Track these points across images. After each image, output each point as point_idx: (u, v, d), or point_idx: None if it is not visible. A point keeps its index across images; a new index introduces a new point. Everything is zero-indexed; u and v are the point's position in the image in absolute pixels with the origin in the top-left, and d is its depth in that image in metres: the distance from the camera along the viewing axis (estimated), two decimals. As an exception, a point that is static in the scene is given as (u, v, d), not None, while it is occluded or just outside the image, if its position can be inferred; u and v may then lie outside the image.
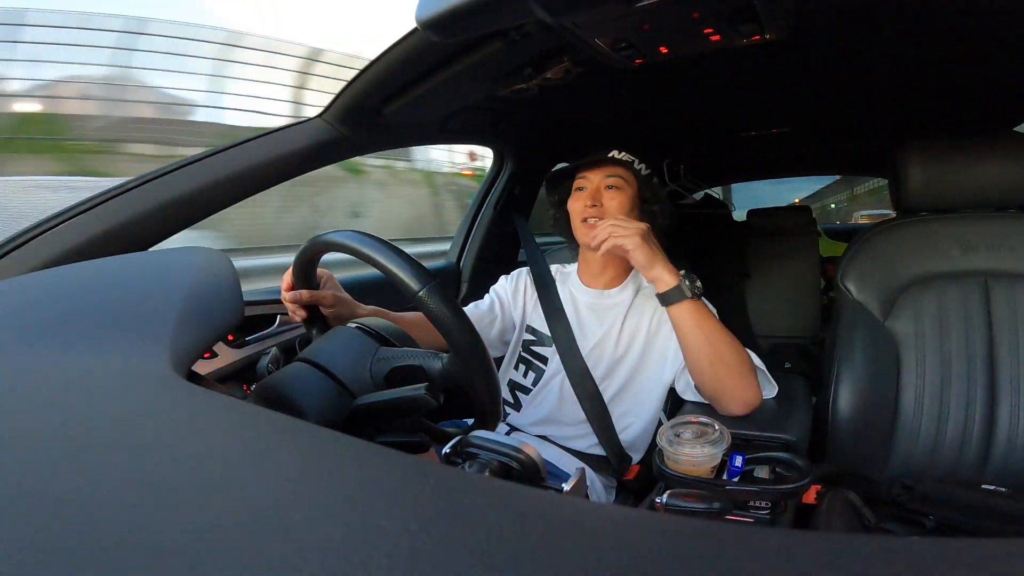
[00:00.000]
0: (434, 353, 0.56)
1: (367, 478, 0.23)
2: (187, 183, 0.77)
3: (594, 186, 0.97)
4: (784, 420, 0.84)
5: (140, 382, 0.32)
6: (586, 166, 0.99)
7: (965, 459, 0.88)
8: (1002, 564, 0.18)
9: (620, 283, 1.03)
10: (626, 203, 0.96)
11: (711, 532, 0.20)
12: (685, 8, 0.65)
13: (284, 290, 0.74)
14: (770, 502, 0.68)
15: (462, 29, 0.62)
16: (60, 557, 0.18)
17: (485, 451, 0.47)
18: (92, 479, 0.23)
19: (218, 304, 0.43)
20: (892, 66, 1.00)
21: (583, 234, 0.97)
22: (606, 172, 0.97)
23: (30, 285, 0.51)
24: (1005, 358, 0.87)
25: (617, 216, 0.93)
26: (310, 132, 0.89)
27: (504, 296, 1.10)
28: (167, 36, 5.73)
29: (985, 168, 0.91)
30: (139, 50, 5.66)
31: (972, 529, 0.73)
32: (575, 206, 0.98)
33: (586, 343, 1.00)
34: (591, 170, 0.98)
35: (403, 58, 0.76)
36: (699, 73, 0.99)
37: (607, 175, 0.97)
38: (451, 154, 6.40)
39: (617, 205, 0.96)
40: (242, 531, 0.19)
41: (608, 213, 0.95)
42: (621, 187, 0.97)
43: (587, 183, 0.98)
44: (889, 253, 0.95)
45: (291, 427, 0.29)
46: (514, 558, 0.18)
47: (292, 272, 0.72)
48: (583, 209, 0.96)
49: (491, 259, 1.47)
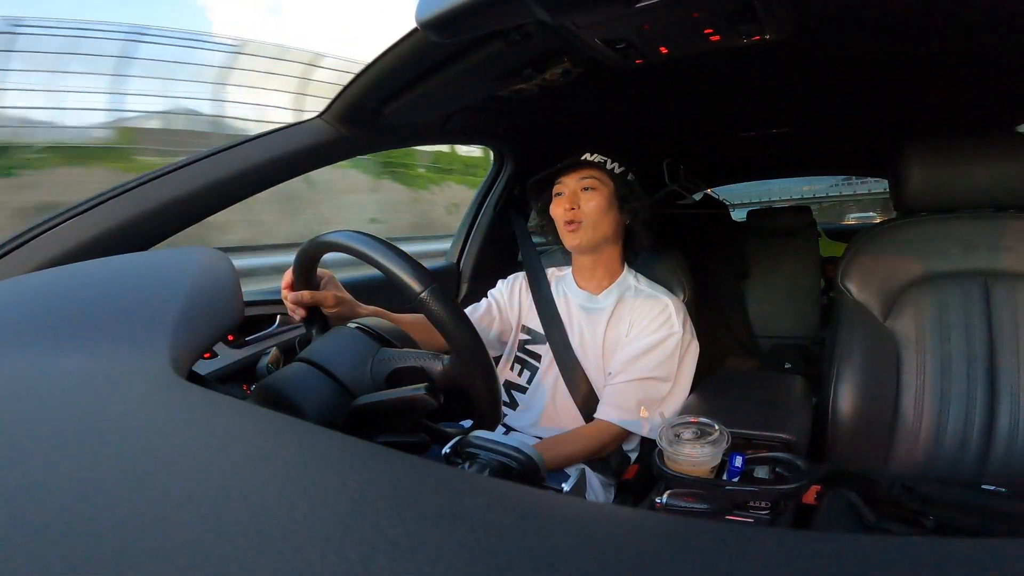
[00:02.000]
0: (435, 354, 0.56)
1: (367, 478, 0.23)
2: (187, 183, 0.77)
3: (571, 190, 1.01)
4: (784, 420, 0.84)
5: (140, 382, 0.32)
6: (562, 171, 1.03)
7: (965, 459, 0.88)
8: (1002, 564, 0.18)
9: (608, 286, 1.06)
10: (603, 203, 1.00)
11: (711, 532, 0.20)
12: (685, 8, 0.65)
13: (284, 289, 0.74)
14: (770, 502, 0.68)
15: (462, 29, 0.62)
16: (60, 557, 0.18)
17: (485, 451, 0.47)
18: (92, 479, 0.23)
19: (218, 304, 0.42)
20: (892, 66, 1.00)
21: (567, 237, 1.02)
22: (580, 175, 1.01)
23: (30, 285, 0.51)
24: (1005, 358, 0.87)
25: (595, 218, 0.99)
26: (310, 132, 0.89)
27: (501, 299, 1.13)
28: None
29: (985, 168, 0.91)
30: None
31: (972, 529, 0.73)
32: (556, 211, 1.03)
33: (576, 341, 1.02)
34: (567, 175, 1.03)
35: (403, 58, 0.76)
36: (699, 73, 0.99)
37: (581, 177, 1.01)
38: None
39: (595, 206, 1.00)
40: (242, 531, 0.19)
41: (587, 214, 0.99)
42: (596, 187, 1.01)
43: (564, 188, 1.03)
44: (889, 253, 0.95)
45: (291, 427, 0.29)
46: (514, 558, 0.18)
47: (292, 272, 0.71)
48: (563, 213, 1.01)
49: (491, 259, 1.48)
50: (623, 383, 0.95)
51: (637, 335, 0.98)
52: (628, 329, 1.00)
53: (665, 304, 1.00)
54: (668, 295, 1.04)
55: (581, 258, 1.07)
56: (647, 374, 0.95)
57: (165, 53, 5.65)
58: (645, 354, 0.96)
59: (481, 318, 1.09)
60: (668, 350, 0.96)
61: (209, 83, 5.99)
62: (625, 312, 1.01)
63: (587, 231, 1.00)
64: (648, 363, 0.95)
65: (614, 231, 1.03)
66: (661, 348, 0.96)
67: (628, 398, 0.93)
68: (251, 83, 6.19)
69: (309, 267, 0.70)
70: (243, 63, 6.19)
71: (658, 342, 0.96)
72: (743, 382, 1.16)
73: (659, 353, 0.96)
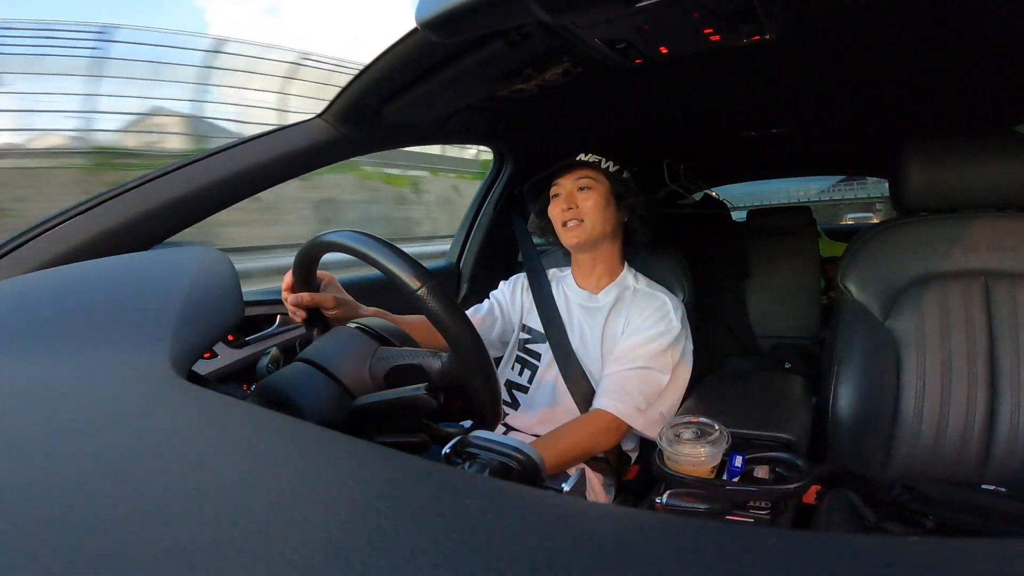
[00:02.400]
0: (434, 352, 0.56)
1: (367, 478, 0.23)
2: (187, 183, 0.77)
3: (567, 190, 1.03)
4: (784, 420, 0.84)
5: (140, 382, 0.32)
6: (558, 173, 1.05)
7: (965, 459, 0.88)
8: (1002, 564, 0.18)
9: (607, 285, 1.06)
10: (600, 201, 1.02)
11: (711, 532, 0.20)
12: (685, 8, 0.65)
13: (285, 291, 0.74)
14: (770, 502, 0.68)
15: (462, 29, 0.62)
16: (60, 556, 0.18)
17: (485, 451, 0.47)
18: (92, 479, 0.23)
19: (218, 304, 0.42)
20: (892, 66, 1.00)
21: (566, 236, 1.03)
22: (576, 175, 1.03)
23: (30, 285, 0.51)
24: (1006, 358, 0.87)
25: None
26: (310, 132, 0.89)
27: (503, 300, 1.13)
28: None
29: (985, 168, 0.91)
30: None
31: (972, 529, 0.73)
32: (554, 212, 1.05)
33: (576, 340, 1.03)
34: (563, 176, 1.04)
35: (403, 58, 0.76)
36: (699, 73, 0.99)
37: (577, 178, 1.03)
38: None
39: (592, 205, 1.01)
40: (242, 531, 0.19)
41: (585, 213, 1.01)
42: (592, 187, 1.02)
43: (561, 188, 1.04)
44: (889, 253, 0.95)
45: (291, 427, 0.29)
46: (514, 558, 0.18)
47: (292, 273, 0.71)
48: (561, 213, 1.02)
49: (491, 259, 1.48)
50: (619, 372, 0.95)
51: (635, 328, 0.99)
52: (625, 325, 1.00)
53: (664, 301, 1.01)
54: (667, 293, 1.04)
55: (580, 256, 1.07)
56: (644, 363, 0.95)
57: (139, 53, 5.51)
58: (642, 345, 0.96)
59: (483, 319, 1.10)
60: (666, 343, 0.96)
61: (188, 83, 5.87)
62: (623, 309, 1.02)
63: (585, 229, 1.01)
64: (645, 353, 0.95)
65: (612, 228, 1.04)
66: (659, 341, 0.96)
67: (624, 387, 0.93)
68: (234, 82, 6.10)
69: (308, 269, 0.70)
70: (224, 62, 6.10)
71: (656, 335, 0.96)
72: (743, 382, 1.17)
73: (657, 345, 0.96)
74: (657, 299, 1.01)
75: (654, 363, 0.95)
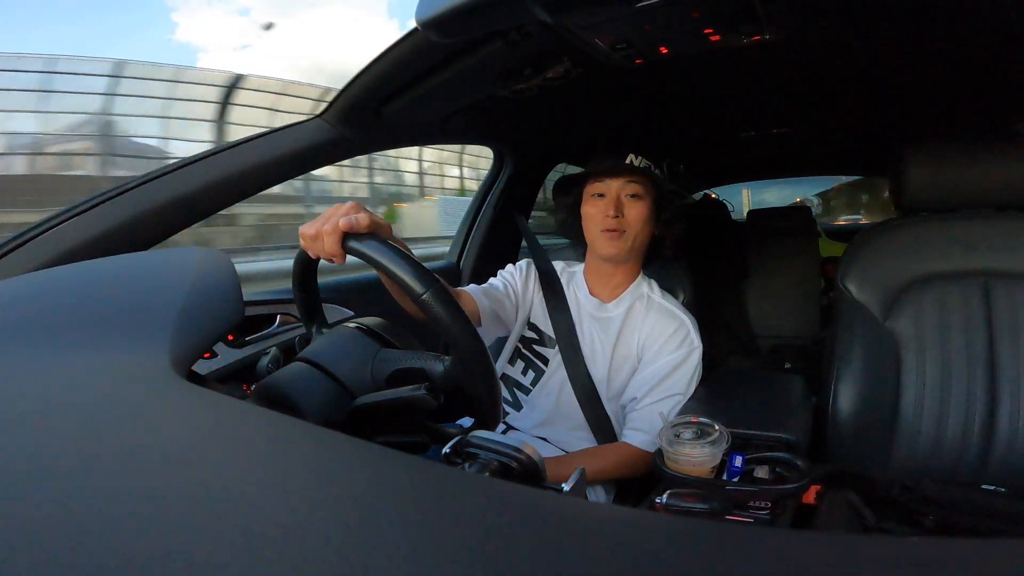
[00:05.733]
0: (436, 355, 0.56)
1: (367, 478, 0.23)
2: (187, 183, 0.77)
3: (614, 194, 0.94)
4: (784, 420, 0.84)
5: (140, 382, 0.32)
6: (607, 172, 0.96)
7: (965, 459, 0.88)
8: (1002, 564, 0.18)
9: (620, 293, 1.02)
10: (646, 213, 0.95)
11: (711, 532, 0.20)
12: (685, 8, 0.65)
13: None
14: (770, 502, 0.68)
15: (462, 29, 0.62)
16: (60, 555, 0.18)
17: (485, 451, 0.47)
18: (91, 478, 0.23)
19: (218, 304, 0.42)
20: (892, 66, 1.00)
21: (603, 245, 0.95)
22: (626, 180, 0.95)
23: (30, 285, 0.51)
24: (1006, 359, 0.87)
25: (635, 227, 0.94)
26: (310, 132, 0.89)
27: (515, 284, 1.07)
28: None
29: (985, 168, 0.91)
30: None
31: (972, 529, 0.73)
32: (593, 214, 0.96)
33: (586, 350, 1.00)
34: (611, 177, 0.95)
35: (403, 58, 0.76)
36: (699, 73, 0.99)
37: (627, 182, 0.95)
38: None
39: (638, 215, 0.94)
40: (242, 531, 0.19)
41: (630, 223, 0.94)
42: (642, 196, 0.95)
43: (607, 190, 0.95)
44: (889, 253, 0.95)
45: (291, 427, 0.29)
46: (514, 558, 0.18)
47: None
48: (604, 219, 0.94)
49: (491, 259, 1.47)
50: (649, 405, 0.92)
51: (657, 354, 0.95)
52: (642, 348, 0.97)
53: (682, 321, 0.97)
54: (682, 310, 1.00)
55: (605, 265, 1.01)
56: (671, 392, 0.93)
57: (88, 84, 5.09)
58: (670, 375, 0.93)
59: (500, 298, 1.02)
60: (692, 366, 0.94)
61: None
62: (636, 324, 0.98)
63: (627, 241, 0.95)
64: (672, 384, 0.93)
65: (647, 243, 0.99)
66: (686, 366, 0.94)
67: (654, 422, 0.90)
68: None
69: (308, 269, 0.70)
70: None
71: (682, 360, 0.94)
72: (743, 382, 1.16)
73: (684, 371, 0.94)
74: (675, 318, 0.97)
75: (679, 388, 0.93)
